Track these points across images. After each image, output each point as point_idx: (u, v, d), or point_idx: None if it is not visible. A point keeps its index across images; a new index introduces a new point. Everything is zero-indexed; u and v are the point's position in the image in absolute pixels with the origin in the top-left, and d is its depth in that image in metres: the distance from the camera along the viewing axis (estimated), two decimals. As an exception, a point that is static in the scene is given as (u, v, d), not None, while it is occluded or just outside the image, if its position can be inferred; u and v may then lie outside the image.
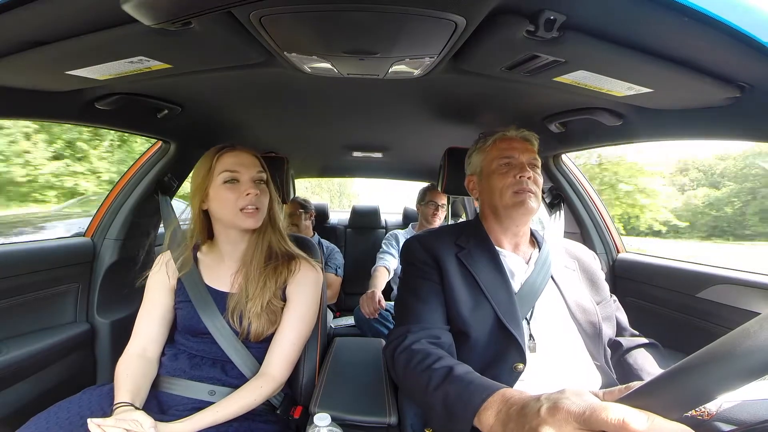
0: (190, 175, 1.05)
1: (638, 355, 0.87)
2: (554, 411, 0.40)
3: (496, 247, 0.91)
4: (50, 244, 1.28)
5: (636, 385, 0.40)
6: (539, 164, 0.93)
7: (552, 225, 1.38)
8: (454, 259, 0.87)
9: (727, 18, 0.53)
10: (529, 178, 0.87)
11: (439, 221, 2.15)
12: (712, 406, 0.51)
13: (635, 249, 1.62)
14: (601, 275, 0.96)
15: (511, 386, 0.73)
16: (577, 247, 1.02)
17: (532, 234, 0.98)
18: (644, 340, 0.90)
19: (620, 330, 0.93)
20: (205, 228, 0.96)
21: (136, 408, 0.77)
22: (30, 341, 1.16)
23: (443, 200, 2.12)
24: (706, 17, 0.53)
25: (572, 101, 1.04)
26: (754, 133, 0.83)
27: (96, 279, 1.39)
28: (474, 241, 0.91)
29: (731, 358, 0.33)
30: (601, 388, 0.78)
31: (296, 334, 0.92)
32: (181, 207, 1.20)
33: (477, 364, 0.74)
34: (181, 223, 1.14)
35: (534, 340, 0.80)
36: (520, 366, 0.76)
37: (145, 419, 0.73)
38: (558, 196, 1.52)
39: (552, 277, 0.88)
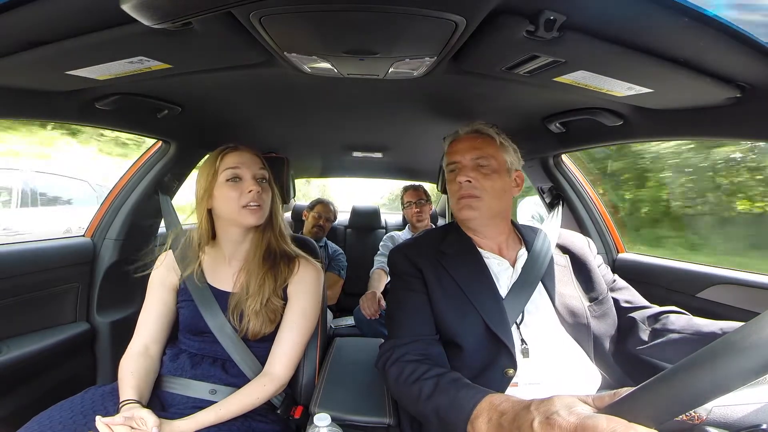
0: (194, 177, 1.05)
1: (670, 318, 0.81)
2: (547, 426, 0.43)
3: (480, 250, 0.87)
4: (50, 244, 1.28)
5: (624, 391, 0.41)
6: (493, 159, 0.87)
7: (548, 224, 1.38)
8: (437, 267, 0.85)
9: (727, 18, 0.53)
10: (468, 181, 0.83)
11: (424, 216, 2.17)
12: (703, 411, 0.51)
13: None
14: (595, 266, 0.91)
15: (503, 392, 0.72)
16: (569, 239, 0.97)
17: (519, 231, 0.94)
18: (667, 308, 0.85)
19: (634, 308, 0.88)
20: (210, 228, 0.97)
21: (143, 406, 0.78)
22: (30, 341, 1.16)
23: (418, 197, 2.16)
24: (706, 17, 0.53)
25: (572, 101, 1.03)
26: (754, 133, 0.83)
27: (96, 279, 1.39)
28: (457, 245, 0.88)
29: (716, 365, 0.34)
30: (599, 389, 0.78)
31: (298, 332, 0.93)
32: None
33: (468, 371, 0.74)
34: (183, 224, 1.14)
35: (526, 344, 0.78)
36: (511, 371, 0.74)
37: (149, 417, 0.73)
38: (558, 196, 1.52)
39: (541, 279, 0.85)
